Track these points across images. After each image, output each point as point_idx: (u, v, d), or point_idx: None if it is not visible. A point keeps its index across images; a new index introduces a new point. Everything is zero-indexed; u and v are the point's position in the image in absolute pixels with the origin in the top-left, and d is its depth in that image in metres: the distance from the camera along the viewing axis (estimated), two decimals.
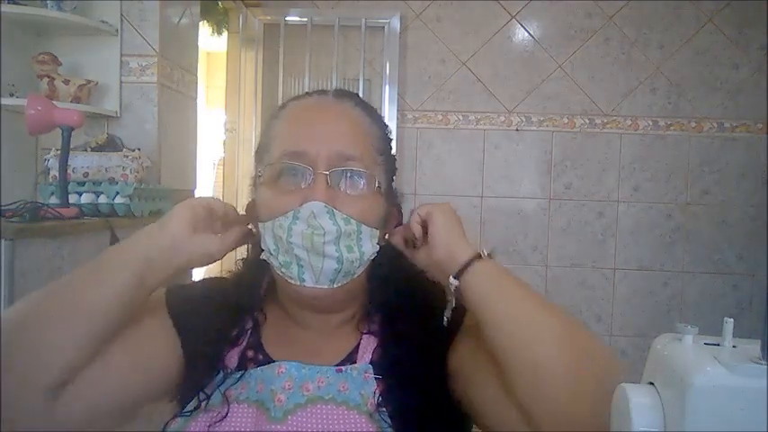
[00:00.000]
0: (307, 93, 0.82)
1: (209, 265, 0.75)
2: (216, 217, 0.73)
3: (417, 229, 0.73)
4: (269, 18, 3.01)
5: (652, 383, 0.44)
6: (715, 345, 0.45)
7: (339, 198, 0.71)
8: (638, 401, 0.42)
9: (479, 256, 0.69)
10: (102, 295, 0.66)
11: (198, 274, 1.31)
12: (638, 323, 2.95)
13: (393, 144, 0.83)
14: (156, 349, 0.73)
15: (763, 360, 0.40)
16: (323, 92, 0.81)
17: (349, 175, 0.73)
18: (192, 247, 0.70)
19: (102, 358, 0.67)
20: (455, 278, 0.68)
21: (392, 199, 0.81)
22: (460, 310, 0.72)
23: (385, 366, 0.73)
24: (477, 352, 0.69)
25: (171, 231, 0.69)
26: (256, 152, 0.80)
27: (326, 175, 0.71)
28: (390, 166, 0.81)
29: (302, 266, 0.71)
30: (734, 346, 0.46)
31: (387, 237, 0.79)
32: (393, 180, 0.82)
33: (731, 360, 0.42)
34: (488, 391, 0.67)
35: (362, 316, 0.79)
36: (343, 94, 0.80)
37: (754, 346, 0.40)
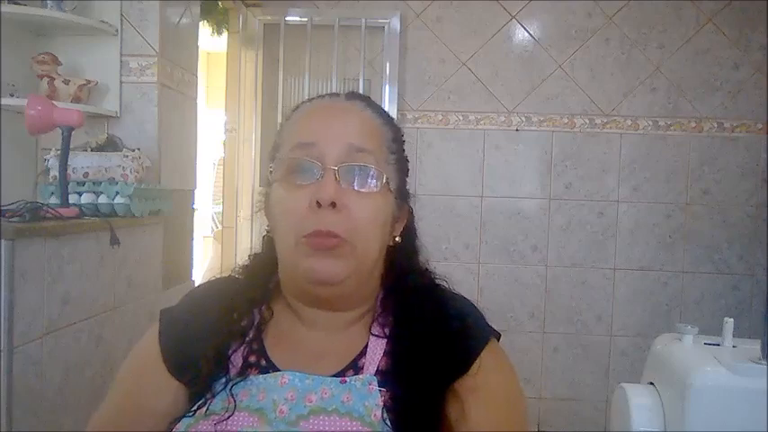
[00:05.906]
0: (319, 95, 0.81)
1: (211, 265, 0.74)
2: None
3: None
4: (269, 18, 3.00)
5: (652, 383, 0.44)
6: (715, 345, 0.45)
7: (347, 195, 0.70)
8: (638, 401, 0.42)
9: None
10: None
11: (198, 273, 1.30)
12: (638, 323, 2.95)
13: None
14: (164, 407, 0.74)
15: (763, 360, 0.40)
16: (335, 94, 0.80)
17: (358, 171, 0.71)
18: None
19: None
20: None
21: (403, 199, 0.79)
22: (471, 352, 0.72)
23: (391, 376, 0.72)
24: (461, 418, 0.70)
25: None
26: (270, 153, 0.79)
27: (335, 170, 0.70)
28: (402, 165, 0.80)
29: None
30: (734, 346, 0.46)
31: (396, 238, 0.78)
32: (406, 182, 0.81)
33: (731, 360, 0.42)
34: None
35: (373, 317, 0.77)
36: (355, 96, 0.79)
37: (754, 346, 0.40)
